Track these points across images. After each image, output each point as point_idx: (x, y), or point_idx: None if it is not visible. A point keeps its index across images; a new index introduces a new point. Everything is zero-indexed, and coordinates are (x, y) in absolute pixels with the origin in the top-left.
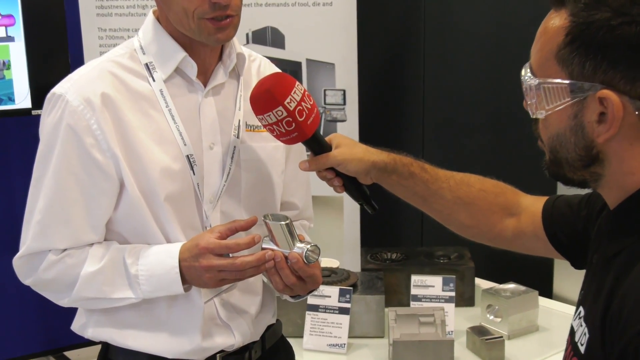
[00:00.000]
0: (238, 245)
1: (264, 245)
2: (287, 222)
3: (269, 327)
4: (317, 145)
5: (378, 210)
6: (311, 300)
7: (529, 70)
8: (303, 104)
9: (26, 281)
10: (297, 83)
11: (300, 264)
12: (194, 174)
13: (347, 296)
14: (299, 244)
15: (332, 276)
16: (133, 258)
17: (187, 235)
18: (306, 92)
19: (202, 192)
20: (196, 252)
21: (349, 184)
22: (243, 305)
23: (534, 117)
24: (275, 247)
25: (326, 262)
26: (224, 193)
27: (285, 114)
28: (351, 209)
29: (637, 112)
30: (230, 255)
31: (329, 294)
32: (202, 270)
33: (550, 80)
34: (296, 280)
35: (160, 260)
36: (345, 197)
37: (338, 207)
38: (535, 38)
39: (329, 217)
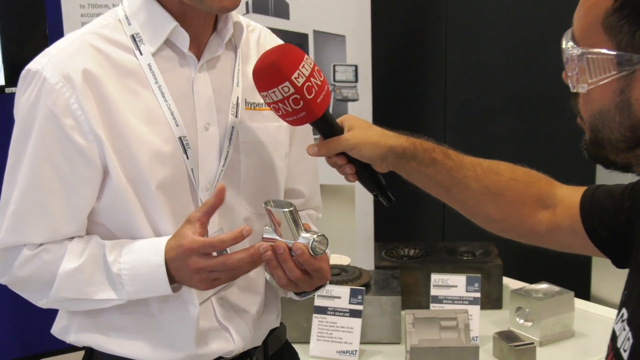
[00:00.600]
0: (222, 243)
1: (265, 235)
2: (291, 209)
3: (272, 331)
4: (328, 127)
5: (394, 202)
6: (319, 301)
7: (570, 38)
8: (312, 79)
9: (1, 280)
10: (306, 56)
11: (305, 255)
12: (187, 159)
13: (359, 297)
14: (304, 234)
15: (342, 275)
16: (115, 255)
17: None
18: (316, 67)
19: (197, 179)
20: (181, 253)
21: (363, 171)
22: (243, 305)
23: (575, 91)
24: (277, 237)
25: (336, 259)
26: (221, 179)
27: (292, 90)
28: (364, 200)
29: None
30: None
31: (339, 294)
32: (192, 273)
33: (594, 50)
34: (301, 275)
35: (145, 257)
36: (358, 186)
37: (349, 198)
38: (579, 2)
39: (339, 208)
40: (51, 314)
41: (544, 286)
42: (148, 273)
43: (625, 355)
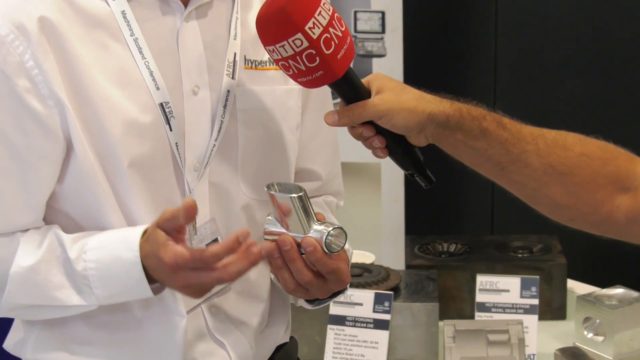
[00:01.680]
0: (215, 257)
1: (267, 228)
2: (301, 194)
3: (280, 347)
4: (351, 90)
5: (434, 185)
6: (335, 309)
7: None
8: (331, 30)
9: None
10: (324, 1)
11: (318, 253)
12: (170, 130)
13: (386, 304)
14: (316, 226)
15: (365, 276)
16: (77, 250)
17: None
18: (336, 14)
19: (182, 156)
20: (163, 267)
21: (395, 145)
22: (242, 314)
23: None
24: (282, 230)
25: (357, 256)
26: (214, 157)
27: (306, 44)
28: (393, 181)
29: None
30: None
31: (361, 300)
32: (180, 288)
33: None
34: (313, 278)
35: (116, 253)
36: (385, 164)
37: (374, 179)
38: None
39: (362, 192)
40: (4, 325)
41: (619, 291)
42: (121, 272)
43: None
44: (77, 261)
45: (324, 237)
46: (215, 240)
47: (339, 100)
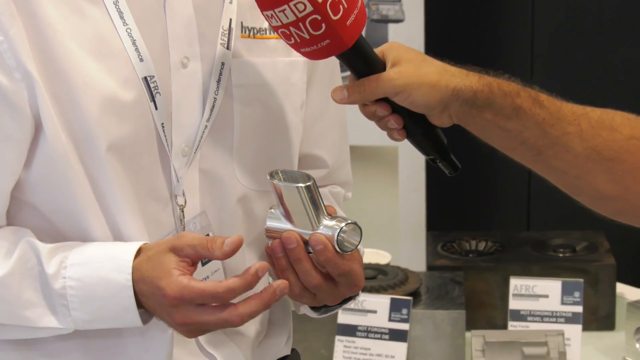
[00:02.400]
0: (231, 292)
1: (269, 224)
2: (309, 184)
3: None
4: (362, 61)
5: (459, 172)
6: (344, 317)
7: None
8: None
9: None
10: None
11: (329, 252)
12: (155, 109)
13: (404, 311)
14: (327, 221)
15: (379, 278)
16: (56, 264)
17: (145, 214)
18: None
19: (169, 138)
20: (161, 300)
21: (414, 126)
22: None
23: None
24: (287, 226)
25: (370, 255)
26: (205, 140)
27: (310, 8)
28: (412, 168)
29: None
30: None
31: (374, 307)
32: (177, 325)
33: None
34: (322, 281)
35: (102, 274)
36: (404, 148)
37: (391, 166)
38: None
39: (376, 182)
40: None
41: None
42: (107, 296)
43: None
44: (55, 277)
45: (336, 234)
46: (207, 236)
47: (348, 73)
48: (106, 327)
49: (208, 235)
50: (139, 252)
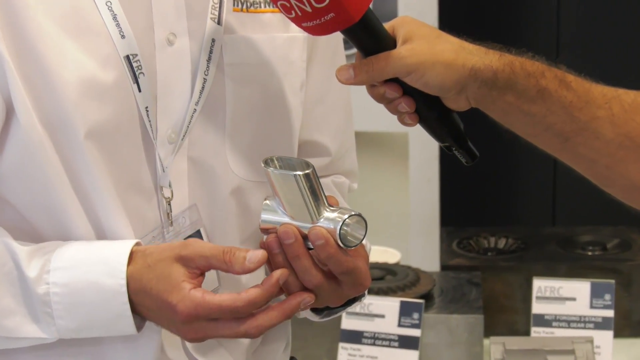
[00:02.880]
0: (252, 304)
1: (264, 217)
2: (308, 172)
3: None
4: (370, 37)
5: (477, 161)
6: (349, 322)
7: None
8: None
9: None
10: None
11: (330, 248)
12: (139, 91)
13: (416, 316)
14: (328, 213)
15: (387, 279)
16: (37, 268)
17: (128, 208)
18: None
19: (153, 124)
20: (171, 316)
21: (427, 109)
22: None
23: None
24: (284, 219)
25: (378, 253)
26: (195, 125)
27: None
28: (426, 156)
29: None
30: None
31: (382, 311)
32: (190, 339)
33: None
34: (323, 280)
35: (92, 278)
36: (415, 135)
37: (401, 154)
38: None
39: (385, 171)
40: None
41: None
42: (97, 302)
43: None
44: (38, 282)
45: (338, 227)
46: (197, 233)
47: (354, 51)
48: (95, 336)
49: (199, 232)
50: (132, 254)
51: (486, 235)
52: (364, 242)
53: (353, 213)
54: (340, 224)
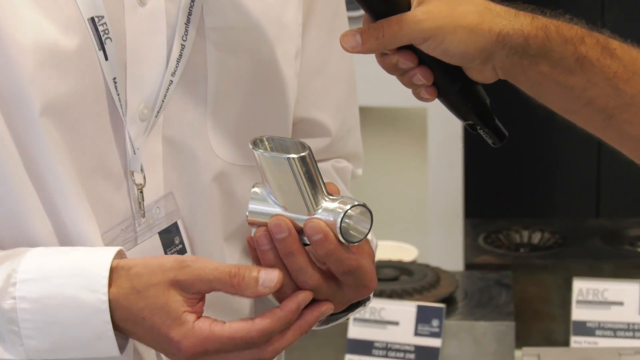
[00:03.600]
0: (267, 334)
1: (252, 206)
2: (304, 154)
3: None
4: None
5: (506, 142)
6: (356, 330)
7: None
8: None
9: None
10: None
11: (330, 244)
12: (105, 59)
13: (435, 323)
14: (327, 203)
15: (402, 280)
16: (1, 279)
17: (92, 196)
18: None
19: (123, 98)
20: (176, 353)
21: (448, 82)
22: None
23: None
24: (276, 210)
25: (392, 249)
26: (171, 99)
27: None
28: (447, 137)
29: None
30: None
31: (396, 317)
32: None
33: None
34: (321, 281)
35: (67, 292)
36: (436, 111)
37: (418, 134)
38: None
39: (398, 154)
40: None
41: None
42: (75, 321)
43: None
44: (2, 296)
45: (339, 220)
46: (174, 226)
47: (360, 12)
48: (70, 357)
49: (176, 225)
50: (113, 270)
51: (518, 229)
52: (369, 236)
53: (356, 203)
54: (342, 215)
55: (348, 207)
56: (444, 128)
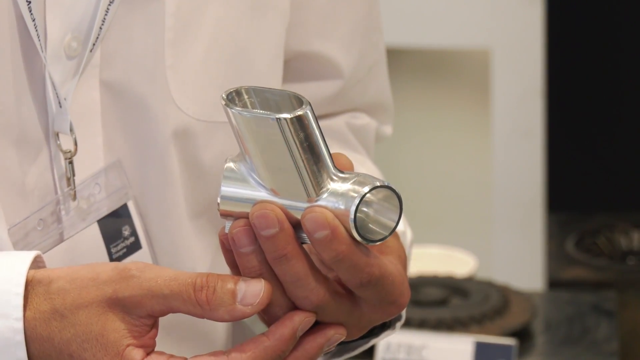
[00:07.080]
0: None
1: (226, 188)
2: (301, 113)
3: None
4: None
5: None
6: None
7: None
8: None
9: None
10: None
11: (340, 243)
12: None
13: None
14: (334, 183)
15: (454, 303)
16: None
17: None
18: None
19: (40, 25)
20: None
21: None
22: None
23: None
24: (261, 194)
25: (438, 258)
26: (112, 29)
27: None
28: (519, 92)
29: None
30: None
31: (445, 357)
32: None
33: None
34: (327, 296)
35: None
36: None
37: (478, 88)
38: None
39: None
40: None
41: None
42: None
43: None
44: None
45: (354, 208)
46: (124, 208)
47: None
48: None
49: (125, 207)
50: (27, 284)
51: (625, 228)
52: (400, 229)
53: (378, 184)
54: (357, 202)
55: (366, 189)
56: (516, 77)
